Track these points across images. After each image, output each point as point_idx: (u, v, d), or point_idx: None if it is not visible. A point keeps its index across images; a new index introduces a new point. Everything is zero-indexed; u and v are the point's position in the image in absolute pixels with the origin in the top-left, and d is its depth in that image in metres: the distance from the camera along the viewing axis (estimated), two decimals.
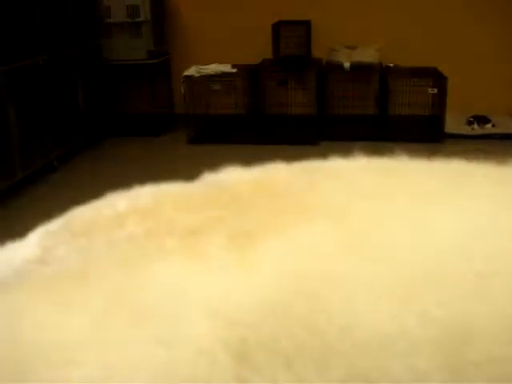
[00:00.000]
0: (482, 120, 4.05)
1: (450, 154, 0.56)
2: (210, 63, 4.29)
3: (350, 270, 0.38)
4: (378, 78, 4.13)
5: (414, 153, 0.51)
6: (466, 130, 4.05)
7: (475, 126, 4.05)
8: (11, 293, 0.41)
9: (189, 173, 0.59)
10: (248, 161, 0.55)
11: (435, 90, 4.01)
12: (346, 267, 0.39)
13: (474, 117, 4.07)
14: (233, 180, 0.50)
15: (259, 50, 4.36)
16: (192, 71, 4.26)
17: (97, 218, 0.48)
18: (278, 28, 4.32)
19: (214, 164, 0.54)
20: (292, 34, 4.36)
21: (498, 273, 0.38)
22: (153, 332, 0.36)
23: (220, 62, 4.30)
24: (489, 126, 4.04)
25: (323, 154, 0.52)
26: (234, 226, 0.42)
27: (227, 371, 0.35)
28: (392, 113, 4.09)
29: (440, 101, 3.98)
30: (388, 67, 4.18)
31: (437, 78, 3.99)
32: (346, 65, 4.08)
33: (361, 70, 4.13)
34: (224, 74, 4.28)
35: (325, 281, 0.38)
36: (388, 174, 0.48)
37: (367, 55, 4.14)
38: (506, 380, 0.35)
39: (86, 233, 0.46)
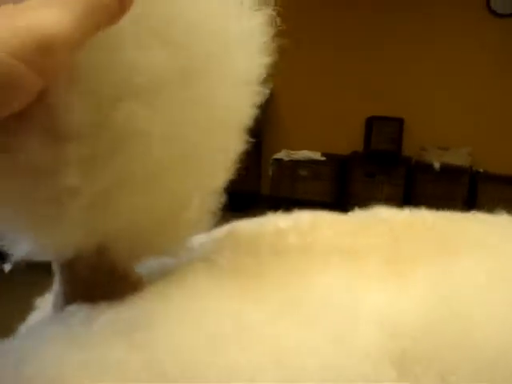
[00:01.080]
0: None
1: None
2: (300, 149, 4.44)
3: (505, 300, 0.44)
4: (468, 181, 4.15)
5: None
6: None
7: None
8: (195, 279, 0.48)
9: None
10: None
11: None
12: (500, 297, 0.44)
13: None
14: (386, 215, 0.56)
15: (349, 141, 4.50)
16: (282, 155, 4.42)
17: (259, 231, 0.55)
18: (371, 122, 4.45)
19: None
20: (384, 130, 4.48)
21: None
22: (323, 331, 0.42)
23: (310, 150, 4.45)
24: None
25: None
26: (391, 252, 0.49)
27: (389, 377, 0.41)
28: None
29: None
30: (478, 172, 4.21)
31: None
32: (436, 165, 4.14)
33: (450, 172, 4.17)
34: (313, 161, 4.42)
35: (479, 307, 0.43)
36: None
37: (458, 158, 4.20)
38: None
39: (250, 242, 0.54)
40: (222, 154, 0.50)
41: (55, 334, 0.45)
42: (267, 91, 0.52)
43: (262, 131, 4.79)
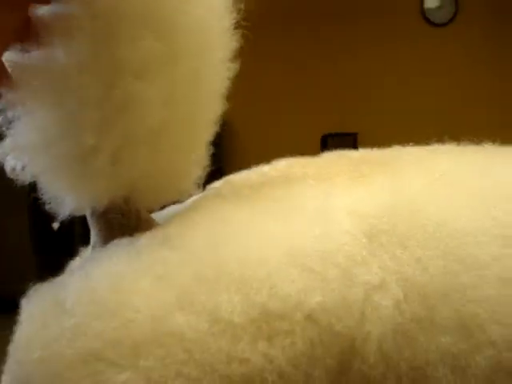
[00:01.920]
0: None
1: None
2: None
3: (441, 193, 0.60)
4: None
5: None
6: None
7: None
8: (207, 203, 0.65)
9: None
10: None
11: None
12: (436, 190, 0.60)
13: None
14: (345, 152, 0.73)
15: None
16: None
17: (248, 176, 0.72)
18: (326, 140, 4.65)
19: None
20: (339, 146, 4.63)
21: None
22: (311, 220, 0.58)
23: None
24: None
25: None
26: (353, 173, 0.65)
27: (363, 244, 0.56)
28: None
29: None
30: None
31: None
32: None
33: None
34: None
35: (422, 196, 0.60)
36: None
37: None
38: None
39: (243, 181, 0.70)
40: (207, 115, 0.66)
41: (109, 253, 0.59)
42: (221, 123, 0.70)
43: (223, 158, 4.94)
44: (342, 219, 0.58)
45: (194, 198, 0.72)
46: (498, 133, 0.89)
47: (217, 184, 0.75)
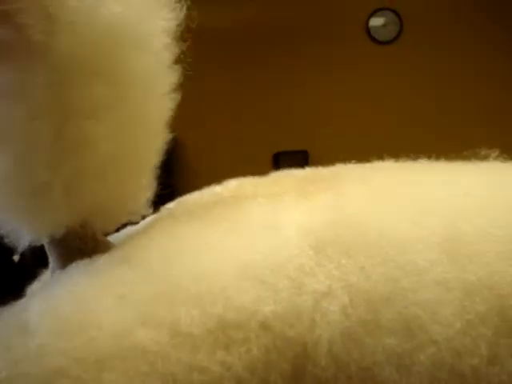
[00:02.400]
0: None
1: None
2: None
3: (378, 209, 0.65)
4: None
5: None
6: None
7: None
8: (162, 222, 0.68)
9: None
10: None
11: None
12: (374, 206, 0.66)
13: None
14: (291, 171, 0.78)
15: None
16: None
17: (200, 196, 0.76)
18: (278, 158, 4.71)
19: None
20: (290, 163, 4.68)
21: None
22: (260, 235, 0.62)
23: None
24: None
25: None
26: (299, 190, 0.70)
27: (310, 256, 0.61)
28: None
29: None
30: None
31: None
32: None
33: None
34: None
35: (362, 212, 0.65)
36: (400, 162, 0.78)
37: None
38: None
39: (196, 201, 0.74)
40: (153, 144, 0.71)
41: (70, 274, 0.62)
42: (174, 143, 0.74)
43: (174, 180, 4.94)
44: (290, 234, 0.62)
45: (148, 219, 0.75)
46: (442, 149, 0.94)
47: (170, 205, 0.79)
